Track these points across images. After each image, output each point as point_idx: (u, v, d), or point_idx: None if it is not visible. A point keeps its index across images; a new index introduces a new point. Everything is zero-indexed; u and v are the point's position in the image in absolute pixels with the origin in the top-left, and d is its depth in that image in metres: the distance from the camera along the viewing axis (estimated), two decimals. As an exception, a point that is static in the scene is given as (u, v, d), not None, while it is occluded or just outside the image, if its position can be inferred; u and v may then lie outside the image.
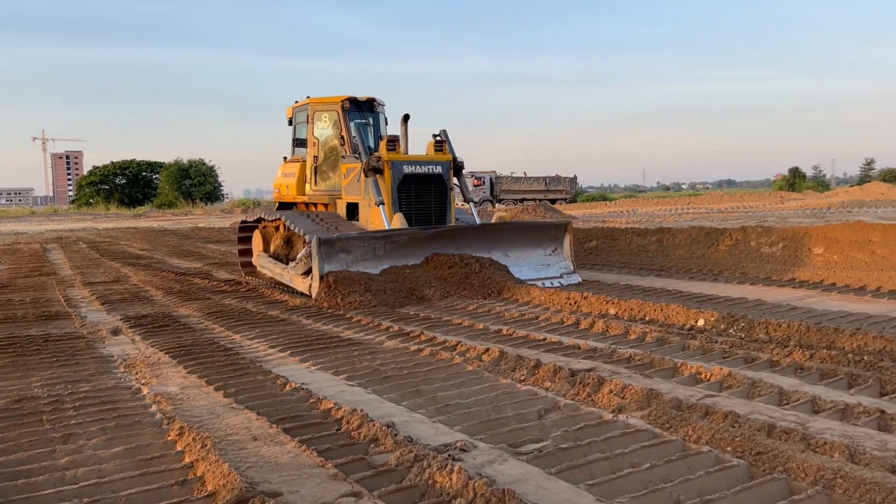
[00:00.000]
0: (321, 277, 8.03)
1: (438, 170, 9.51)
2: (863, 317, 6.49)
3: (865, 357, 4.80)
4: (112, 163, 67.31)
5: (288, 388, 4.63)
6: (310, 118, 10.78)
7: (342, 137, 10.18)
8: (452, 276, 8.56)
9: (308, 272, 8.60)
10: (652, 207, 36.87)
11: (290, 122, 11.54)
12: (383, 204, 8.97)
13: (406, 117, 9.77)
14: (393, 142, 9.27)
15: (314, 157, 10.74)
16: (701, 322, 6.30)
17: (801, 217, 21.25)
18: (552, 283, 9.00)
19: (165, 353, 5.81)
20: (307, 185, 10.91)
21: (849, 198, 36.85)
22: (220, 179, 64.62)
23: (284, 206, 11.59)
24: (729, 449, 3.28)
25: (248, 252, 11.25)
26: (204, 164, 63.74)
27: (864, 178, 61.13)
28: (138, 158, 67.98)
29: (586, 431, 3.62)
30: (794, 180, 58.89)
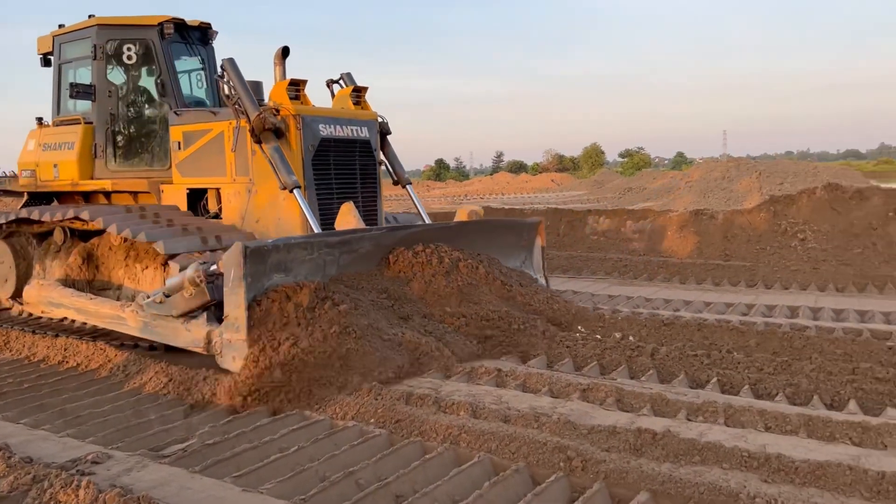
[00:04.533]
0: (248, 307, 4.08)
1: (364, 133, 6.21)
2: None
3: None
4: None
5: None
6: (99, 52, 6.74)
7: (160, 83, 6.67)
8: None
9: (197, 311, 4.50)
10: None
11: (50, 62, 7.33)
12: (299, 188, 5.51)
13: (285, 51, 6.23)
14: (297, 86, 5.83)
15: (111, 115, 6.83)
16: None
17: (442, 204, 23.54)
18: None
19: None
20: (100, 163, 6.88)
21: (482, 186, 41.67)
22: None
23: (39, 197, 7.43)
24: (372, 421, 3.47)
25: None
26: None
27: (495, 169, 69.51)
28: None
29: (234, 424, 3.54)
30: (440, 171, 64.77)
